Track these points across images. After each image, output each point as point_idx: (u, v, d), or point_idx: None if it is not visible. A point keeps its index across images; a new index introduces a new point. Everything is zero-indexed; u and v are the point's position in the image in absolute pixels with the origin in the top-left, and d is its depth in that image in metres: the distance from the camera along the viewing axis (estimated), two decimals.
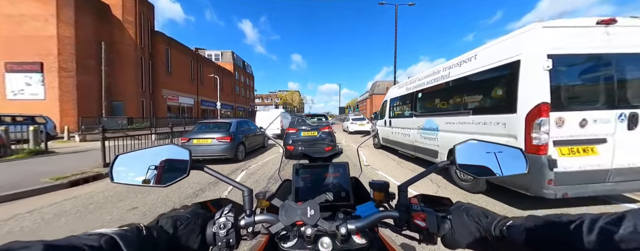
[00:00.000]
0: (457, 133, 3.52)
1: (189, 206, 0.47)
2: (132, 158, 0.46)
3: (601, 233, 0.22)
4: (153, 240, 0.35)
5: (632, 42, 2.37)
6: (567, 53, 2.35)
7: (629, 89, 2.41)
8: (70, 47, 13.10)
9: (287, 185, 0.79)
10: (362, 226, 0.47)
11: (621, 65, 2.39)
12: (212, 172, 0.48)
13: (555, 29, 2.38)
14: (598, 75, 2.45)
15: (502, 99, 2.77)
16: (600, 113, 2.37)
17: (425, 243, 0.45)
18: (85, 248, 0.26)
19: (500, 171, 0.48)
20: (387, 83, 49.90)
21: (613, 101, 2.38)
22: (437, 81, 4.19)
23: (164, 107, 19.09)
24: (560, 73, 2.37)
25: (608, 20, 2.37)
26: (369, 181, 0.67)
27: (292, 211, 0.46)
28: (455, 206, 0.46)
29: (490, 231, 0.36)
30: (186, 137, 5.63)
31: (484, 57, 3.09)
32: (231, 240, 0.42)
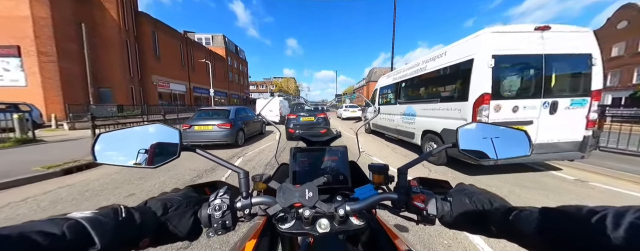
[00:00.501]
0: (429, 118, 4.21)
1: (181, 189, 0.45)
2: (116, 138, 0.44)
3: (632, 228, 0.20)
4: (134, 224, 0.32)
5: (561, 45, 3.02)
6: (508, 54, 2.96)
7: (553, 83, 3.10)
8: (47, 29, 12.23)
9: (284, 169, 0.79)
10: (361, 208, 0.47)
11: (550, 63, 3.03)
12: (204, 153, 0.46)
13: (502, 33, 2.98)
14: (530, 71, 3.12)
15: (460, 90, 3.40)
16: (529, 101, 3.07)
17: (424, 223, 0.45)
18: (38, 238, 0.22)
19: (502, 153, 0.48)
20: (385, 70, 49.38)
21: (540, 92, 3.07)
22: (416, 73, 4.80)
23: (154, 94, 18.48)
24: (500, 70, 3.01)
25: (543, 26, 2.98)
26: (368, 164, 0.67)
27: (290, 193, 0.46)
28: (457, 188, 0.45)
29: (494, 218, 0.35)
30: (187, 124, 5.83)
31: (451, 54, 3.64)
32: (227, 222, 0.42)
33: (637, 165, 3.80)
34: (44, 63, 12.29)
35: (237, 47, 36.84)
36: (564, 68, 3.17)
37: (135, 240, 0.33)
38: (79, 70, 13.43)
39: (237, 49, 36.57)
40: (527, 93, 3.14)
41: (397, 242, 0.53)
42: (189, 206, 0.41)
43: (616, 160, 4.14)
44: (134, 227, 0.32)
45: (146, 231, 0.34)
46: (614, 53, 21.53)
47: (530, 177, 3.38)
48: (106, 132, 0.44)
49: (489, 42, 2.98)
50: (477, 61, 3.05)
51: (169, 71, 20.05)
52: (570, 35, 3.08)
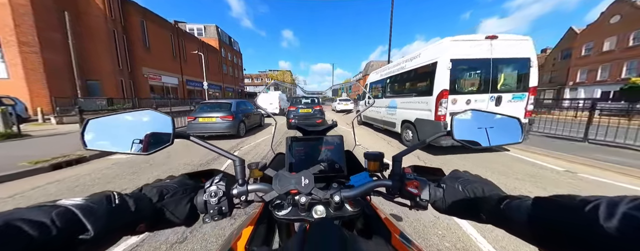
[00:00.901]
0: (407, 110, 4.99)
1: (176, 177, 0.45)
2: (106, 124, 0.42)
3: (625, 218, 0.20)
4: (128, 210, 0.32)
5: (505, 51, 3.79)
6: (463, 58, 3.70)
7: (497, 81, 3.93)
8: (27, 17, 11.59)
9: (281, 158, 0.78)
10: (356, 195, 0.48)
11: (496, 65, 3.83)
12: (199, 141, 0.46)
13: (459, 41, 3.70)
14: (480, 72, 3.91)
15: (428, 86, 4.15)
16: (479, 96, 3.88)
17: (417, 209, 0.46)
18: (25, 227, 0.21)
19: (495, 140, 0.49)
20: (382, 63, 49.44)
21: (488, 88, 3.88)
22: (398, 71, 5.52)
23: (146, 87, 17.96)
24: (457, 71, 3.78)
25: (492, 36, 3.73)
26: (364, 152, 0.68)
27: (286, 181, 0.46)
28: (450, 175, 0.46)
29: (484, 207, 0.36)
30: (192, 116, 6.24)
31: (423, 56, 4.40)
32: (223, 208, 0.42)
33: (626, 157, 3.93)
34: (26, 54, 11.72)
35: (231, 39, 35.82)
36: (507, 69, 4.02)
37: (131, 226, 0.33)
38: (64, 61, 12.90)
39: (230, 40, 35.53)
40: (478, 89, 3.97)
41: (391, 228, 0.55)
42: (185, 193, 0.41)
43: (605, 152, 4.25)
44: (128, 213, 0.32)
45: (142, 217, 0.34)
46: (605, 47, 22.02)
47: (492, 158, 4.15)
48: (95, 118, 0.42)
49: (448, 48, 3.71)
50: (440, 63, 3.80)
51: (160, 63, 19.38)
52: (513, 43, 3.85)
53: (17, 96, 10.75)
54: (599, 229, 0.21)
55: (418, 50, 4.74)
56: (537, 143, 4.88)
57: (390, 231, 0.53)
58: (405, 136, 5.11)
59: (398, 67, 5.58)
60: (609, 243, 0.21)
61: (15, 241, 0.20)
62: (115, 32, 15.15)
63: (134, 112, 0.44)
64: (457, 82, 3.88)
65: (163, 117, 0.44)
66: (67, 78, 13.03)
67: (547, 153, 4.24)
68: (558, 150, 4.37)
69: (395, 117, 5.59)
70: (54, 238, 0.23)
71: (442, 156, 4.18)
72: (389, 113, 5.96)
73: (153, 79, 18.78)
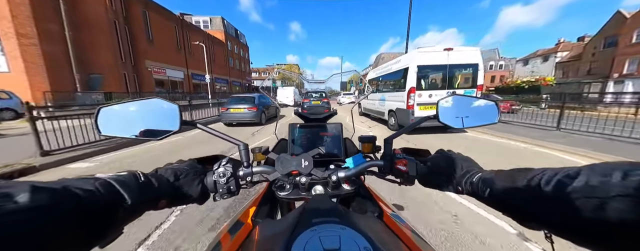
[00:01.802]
0: (391, 101, 6.60)
1: (185, 161, 0.48)
2: (116, 111, 0.45)
3: (558, 184, 0.25)
4: (153, 187, 0.36)
5: (459, 58, 5.52)
6: (426, 64, 5.46)
7: (452, 80, 5.70)
8: (24, 7, 11.19)
9: (283, 144, 0.84)
10: (351, 175, 0.53)
11: (451, 70, 5.58)
12: (204, 128, 0.50)
13: (424, 52, 5.47)
14: (439, 74, 5.66)
15: (403, 84, 5.85)
16: (438, 91, 5.59)
17: (405, 184, 0.52)
18: (78, 191, 0.25)
19: (475, 122, 0.55)
20: (393, 55, 47.97)
21: (446, 86, 5.65)
22: (387, 71, 7.10)
23: (150, 81, 17.57)
24: (422, 73, 5.53)
25: (449, 48, 5.46)
26: (358, 136, 0.76)
27: (288, 163, 0.51)
28: (435, 154, 0.51)
29: (462, 180, 0.41)
30: (225, 107, 7.80)
31: (402, 61, 6.06)
32: (231, 187, 0.47)
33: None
34: (26, 46, 11.43)
35: (238, 31, 35.03)
36: (460, 72, 5.62)
37: (154, 201, 0.37)
38: (64, 53, 12.49)
39: (237, 32, 34.77)
40: (437, 86, 5.66)
41: (382, 205, 0.60)
42: (196, 175, 0.45)
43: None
44: (153, 189, 0.36)
45: (163, 194, 0.38)
46: (634, 39, 19.88)
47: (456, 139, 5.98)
48: (106, 106, 0.45)
49: (415, 57, 5.40)
50: (410, 68, 5.40)
51: (164, 56, 18.83)
52: (465, 52, 5.51)
53: (18, 90, 10.48)
54: (540, 193, 0.26)
55: (399, 57, 6.43)
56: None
57: (382, 210, 0.58)
58: (390, 121, 6.85)
59: (387, 69, 7.15)
60: (545, 204, 0.26)
61: (72, 201, 0.24)
62: (117, 23, 14.65)
63: (142, 100, 0.47)
64: (422, 81, 5.55)
65: (170, 105, 0.47)
66: (68, 71, 12.72)
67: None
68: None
69: (384, 108, 7.20)
70: (100, 202, 0.27)
71: (416, 135, 5.95)
72: (380, 104, 7.55)
73: (157, 73, 18.37)
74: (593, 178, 0.22)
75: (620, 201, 0.20)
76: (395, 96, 6.29)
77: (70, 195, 0.25)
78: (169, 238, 1.76)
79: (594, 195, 0.21)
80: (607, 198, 0.20)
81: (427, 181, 0.49)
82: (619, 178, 0.20)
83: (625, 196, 0.19)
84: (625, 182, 0.20)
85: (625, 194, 0.19)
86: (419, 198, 2.33)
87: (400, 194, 2.40)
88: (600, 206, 0.21)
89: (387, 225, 0.50)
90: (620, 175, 0.21)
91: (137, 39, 16.25)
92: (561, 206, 0.24)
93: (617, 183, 0.20)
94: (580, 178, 0.23)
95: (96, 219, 0.26)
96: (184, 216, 2.06)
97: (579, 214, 0.22)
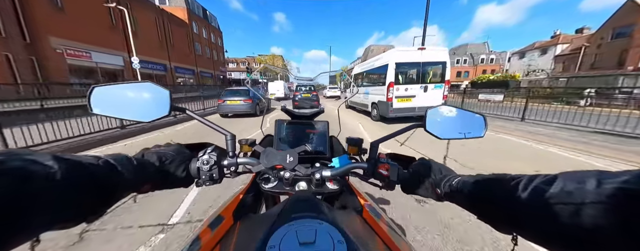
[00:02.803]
0: (374, 95, 7.34)
1: (173, 145, 0.48)
2: (109, 91, 0.45)
3: (534, 190, 0.25)
4: (142, 168, 0.37)
5: (430, 56, 6.20)
6: (403, 61, 6.12)
7: (425, 76, 6.35)
8: None
9: (269, 139, 0.85)
10: (335, 174, 0.54)
11: (424, 66, 6.26)
12: (193, 114, 0.51)
13: (401, 51, 6.17)
14: (414, 70, 6.34)
15: (383, 79, 6.49)
16: (413, 86, 6.29)
17: (386, 189, 0.53)
18: (88, 166, 0.28)
19: (460, 134, 0.54)
20: (384, 47, 45.42)
21: (419, 80, 6.30)
22: (370, 67, 7.84)
23: (61, 66, 11.74)
24: (399, 70, 6.19)
25: (422, 48, 6.23)
26: (346, 137, 0.76)
27: (273, 156, 0.51)
28: (417, 162, 0.52)
29: (440, 185, 0.42)
30: (222, 99, 8.41)
31: (382, 59, 6.80)
32: (214, 175, 0.47)
33: None
34: None
35: (207, 12, 28.43)
36: (431, 68, 6.40)
37: (139, 184, 0.37)
38: None
39: (206, 13, 28.05)
40: (413, 81, 6.37)
41: (365, 205, 0.60)
42: (182, 161, 0.45)
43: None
44: (143, 172, 0.37)
45: (148, 178, 0.39)
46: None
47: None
48: (99, 86, 0.44)
49: (394, 55, 6.15)
50: (389, 65, 6.13)
51: (88, 33, 12.74)
52: (435, 52, 6.30)
53: None
54: (517, 199, 0.27)
55: (380, 55, 7.19)
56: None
57: (362, 206, 0.59)
58: (372, 113, 7.55)
59: (370, 65, 7.86)
60: (522, 210, 0.26)
61: (85, 172, 0.27)
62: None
63: (135, 83, 0.46)
64: (399, 76, 6.26)
65: (161, 89, 0.47)
66: None
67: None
68: None
69: (368, 101, 7.88)
70: (103, 178, 0.30)
71: (390, 124, 6.60)
72: (364, 98, 8.24)
73: (76, 56, 12.60)
74: (569, 185, 0.23)
75: (593, 207, 0.20)
76: (377, 90, 7.02)
77: (83, 166, 0.27)
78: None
79: (570, 201, 0.22)
80: (581, 204, 0.21)
81: (408, 187, 0.50)
82: (594, 186, 0.21)
83: (598, 203, 0.20)
84: (599, 190, 0.20)
85: (598, 201, 0.20)
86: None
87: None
88: (575, 212, 0.21)
89: (366, 220, 0.53)
90: (594, 183, 0.21)
91: (33, 4, 10.67)
92: (538, 212, 0.24)
93: (592, 190, 0.21)
94: (556, 184, 0.24)
95: (97, 193, 0.29)
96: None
97: (556, 220, 0.22)
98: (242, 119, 8.17)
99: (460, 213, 1.78)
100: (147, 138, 5.29)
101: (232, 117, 8.75)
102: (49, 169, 0.23)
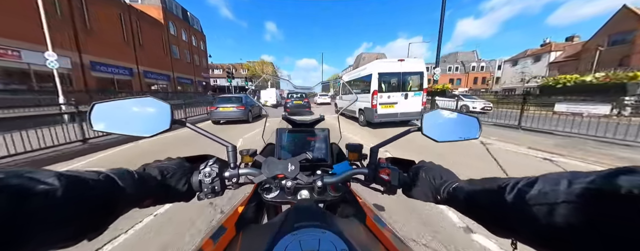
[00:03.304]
0: (360, 102, 7.76)
1: (173, 159, 0.48)
2: (110, 108, 0.45)
3: (518, 193, 0.26)
4: (143, 183, 0.37)
5: (409, 67, 6.82)
6: (385, 71, 6.73)
7: (405, 85, 6.94)
8: None
9: (271, 148, 0.84)
10: (336, 181, 0.54)
11: (404, 76, 6.85)
12: (193, 127, 0.50)
13: (383, 62, 6.90)
14: (396, 80, 6.92)
15: (368, 87, 6.99)
16: (395, 93, 6.88)
17: (387, 193, 0.53)
18: (90, 181, 0.28)
19: (456, 136, 0.55)
20: (374, 55, 45.26)
21: (400, 89, 6.91)
22: (357, 76, 8.37)
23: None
24: (382, 79, 6.77)
25: (401, 59, 6.83)
26: (346, 143, 0.77)
27: (274, 166, 0.50)
28: (417, 165, 0.51)
29: (439, 190, 0.42)
30: (214, 106, 8.49)
31: (367, 69, 7.31)
32: (216, 187, 0.47)
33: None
34: None
35: (188, 13, 25.78)
36: (410, 78, 6.98)
37: (141, 199, 0.37)
38: None
39: (187, 14, 25.49)
40: (394, 89, 6.95)
41: (367, 211, 0.60)
42: (183, 173, 0.45)
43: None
44: (144, 187, 0.37)
45: (149, 193, 0.38)
46: None
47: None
48: (100, 103, 0.44)
49: (377, 66, 6.74)
50: (373, 75, 6.69)
51: (12, 24, 9.71)
52: (413, 63, 6.93)
53: None
54: (503, 201, 0.27)
55: (365, 65, 7.73)
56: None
57: (365, 213, 0.59)
58: (359, 118, 8.04)
59: (357, 74, 8.46)
60: (509, 212, 0.27)
61: (86, 188, 0.27)
62: None
63: (136, 98, 0.46)
64: (382, 85, 6.83)
65: (162, 104, 0.47)
66: None
67: None
68: None
69: (355, 107, 8.33)
70: (104, 193, 0.30)
71: (379, 129, 7.11)
72: (352, 105, 8.49)
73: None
74: (546, 186, 0.24)
75: (564, 207, 0.21)
76: (362, 97, 7.48)
77: (84, 182, 0.27)
78: None
79: (545, 201, 0.23)
80: (554, 204, 0.22)
81: (408, 191, 0.50)
82: (565, 186, 0.22)
83: (569, 202, 0.21)
84: (570, 189, 0.21)
85: (569, 200, 0.21)
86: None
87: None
88: (549, 213, 0.22)
89: (369, 228, 0.52)
90: (566, 183, 0.22)
91: None
92: (521, 214, 0.25)
93: (564, 191, 0.22)
94: (536, 186, 0.25)
95: (98, 209, 0.28)
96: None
97: (535, 220, 0.23)
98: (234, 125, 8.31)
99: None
100: (114, 152, 4.57)
101: (224, 123, 8.85)
102: (49, 186, 0.23)
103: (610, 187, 0.19)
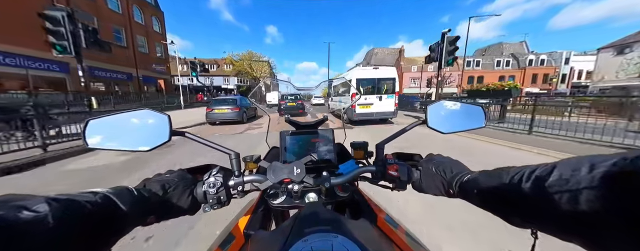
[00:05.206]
0: (343, 103, 9.34)
1: (175, 171, 0.47)
2: (105, 123, 0.44)
3: (536, 180, 0.26)
4: (145, 200, 0.36)
5: (383, 74, 8.28)
6: (363, 77, 8.24)
7: (380, 88, 8.36)
8: None
9: (275, 152, 0.83)
10: (344, 181, 0.53)
11: (379, 81, 8.31)
12: (194, 137, 0.49)
13: (362, 69, 8.58)
14: (372, 84, 8.29)
15: (348, 90, 8.59)
16: (372, 96, 8.26)
17: (397, 190, 0.52)
18: (85, 204, 0.27)
19: (462, 126, 0.54)
20: (388, 51, 43.11)
21: (375, 92, 8.30)
22: (341, 80, 9.77)
23: None
24: (361, 84, 8.19)
25: (376, 67, 8.37)
26: (350, 142, 0.76)
27: (280, 171, 0.49)
28: (426, 159, 0.51)
29: (452, 183, 0.41)
30: (210, 108, 9.13)
31: (349, 74, 8.81)
32: (222, 197, 0.46)
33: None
34: None
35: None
36: (384, 83, 8.33)
37: (144, 217, 0.36)
38: None
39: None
40: (371, 92, 8.23)
41: (377, 211, 0.59)
42: (186, 186, 0.44)
43: None
44: (145, 204, 0.36)
45: (152, 209, 0.37)
46: None
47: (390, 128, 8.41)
48: (94, 119, 0.43)
49: (356, 73, 8.28)
50: (353, 79, 8.02)
51: None
52: (387, 70, 8.31)
53: None
54: (520, 190, 0.27)
55: (349, 71, 9.70)
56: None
57: (376, 214, 0.57)
58: (343, 117, 8.88)
59: (341, 79, 10.02)
60: (527, 201, 0.27)
61: (81, 212, 0.26)
62: None
63: (132, 111, 0.45)
64: (360, 88, 8.10)
65: (160, 115, 0.45)
66: None
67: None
68: None
69: (341, 107, 9.62)
70: (102, 215, 0.29)
71: (358, 125, 8.28)
72: (339, 104, 10.11)
73: None
74: (566, 172, 0.23)
75: (587, 192, 0.20)
76: (345, 99, 9.09)
77: (79, 206, 0.26)
78: None
79: (567, 188, 0.22)
80: (577, 190, 0.21)
81: (419, 186, 0.49)
82: (587, 171, 0.21)
83: (592, 187, 0.20)
84: (592, 174, 0.20)
85: (591, 186, 0.20)
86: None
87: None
88: (572, 199, 0.21)
89: (381, 229, 0.51)
90: (587, 168, 0.21)
91: None
92: (540, 201, 0.25)
93: (585, 176, 0.21)
94: (555, 172, 0.24)
95: (96, 233, 0.28)
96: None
97: (557, 207, 0.23)
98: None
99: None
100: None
101: (219, 124, 9.48)
102: (38, 214, 0.22)
103: (633, 168, 0.18)
